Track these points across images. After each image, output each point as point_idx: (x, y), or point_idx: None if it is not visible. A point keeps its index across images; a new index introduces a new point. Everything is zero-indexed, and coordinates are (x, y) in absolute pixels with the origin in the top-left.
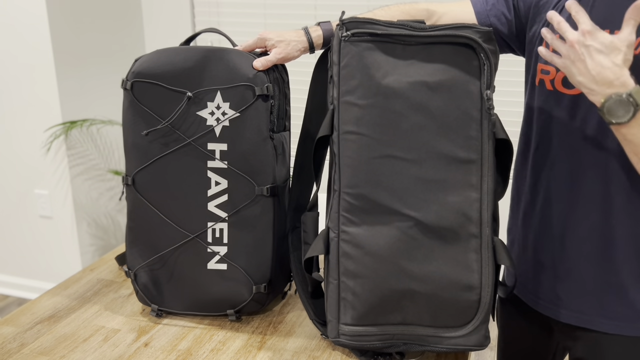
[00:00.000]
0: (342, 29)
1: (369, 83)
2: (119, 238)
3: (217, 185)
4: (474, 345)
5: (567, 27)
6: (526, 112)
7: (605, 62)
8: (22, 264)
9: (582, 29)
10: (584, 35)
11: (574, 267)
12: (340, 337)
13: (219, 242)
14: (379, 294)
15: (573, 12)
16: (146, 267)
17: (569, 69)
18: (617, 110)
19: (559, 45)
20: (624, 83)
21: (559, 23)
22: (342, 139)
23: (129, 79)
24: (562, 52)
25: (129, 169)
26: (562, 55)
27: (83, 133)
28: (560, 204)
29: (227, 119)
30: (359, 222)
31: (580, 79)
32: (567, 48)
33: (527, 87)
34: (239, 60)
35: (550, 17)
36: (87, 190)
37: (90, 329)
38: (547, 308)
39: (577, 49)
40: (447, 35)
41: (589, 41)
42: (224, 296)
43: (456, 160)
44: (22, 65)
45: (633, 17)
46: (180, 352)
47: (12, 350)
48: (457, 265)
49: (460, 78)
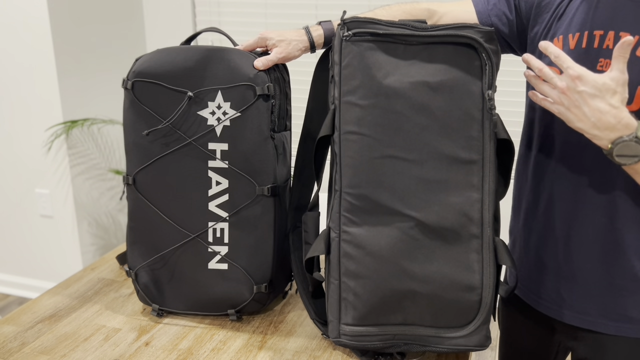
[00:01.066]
0: (344, 29)
1: (370, 83)
2: (119, 237)
3: (218, 185)
4: (475, 346)
5: (552, 74)
6: (528, 112)
7: (602, 106)
8: (23, 263)
9: (571, 75)
10: (574, 81)
11: (577, 269)
12: (341, 337)
13: (220, 241)
14: (380, 294)
15: (552, 57)
16: (147, 267)
17: (565, 115)
18: (626, 154)
19: (548, 91)
20: (627, 125)
21: (540, 70)
22: (343, 139)
23: (130, 78)
24: (554, 99)
25: (130, 168)
26: (553, 100)
27: (84, 132)
28: (563, 205)
29: (228, 118)
30: (360, 222)
31: (580, 125)
32: (558, 94)
33: (529, 87)
34: (240, 60)
35: (527, 60)
36: (88, 190)
37: (91, 328)
38: (549, 309)
39: (570, 96)
40: (448, 35)
41: (581, 87)
42: (225, 296)
43: (457, 160)
44: (22, 65)
45: (622, 54)
46: (181, 351)
47: (13, 349)
48: (458, 265)
49: (461, 78)
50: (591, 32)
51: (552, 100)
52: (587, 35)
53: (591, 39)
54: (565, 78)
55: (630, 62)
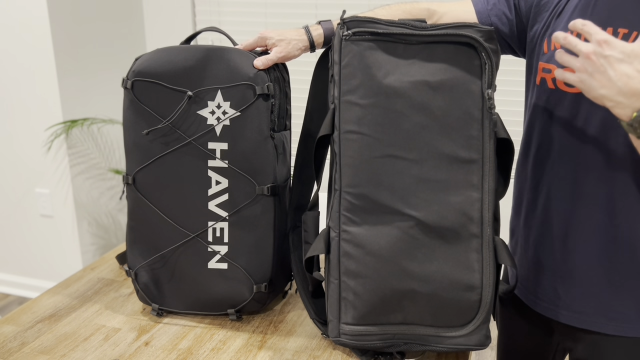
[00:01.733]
0: (343, 28)
1: (370, 82)
2: (119, 237)
3: (218, 184)
4: (474, 345)
5: (576, 40)
6: (527, 111)
7: (630, 71)
8: (23, 263)
9: (598, 39)
10: (601, 45)
11: (576, 268)
12: (341, 337)
13: (220, 241)
14: (380, 293)
15: (579, 27)
16: (147, 266)
17: (587, 82)
18: None
19: (570, 61)
20: None
21: (565, 38)
22: (343, 139)
23: (130, 78)
24: (576, 66)
25: (130, 168)
26: (576, 69)
27: (84, 132)
28: (562, 204)
29: (227, 118)
30: (360, 221)
31: (603, 92)
32: (582, 60)
33: (529, 87)
34: (240, 59)
35: (556, 37)
36: (88, 189)
37: (90, 328)
38: (547, 309)
39: (595, 60)
40: (448, 35)
41: (608, 51)
42: (225, 295)
43: (457, 160)
44: (22, 65)
45: None
46: (181, 351)
47: (13, 349)
48: (458, 265)
49: (461, 77)
50: None
51: (576, 68)
52: None
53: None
54: (591, 43)
55: None
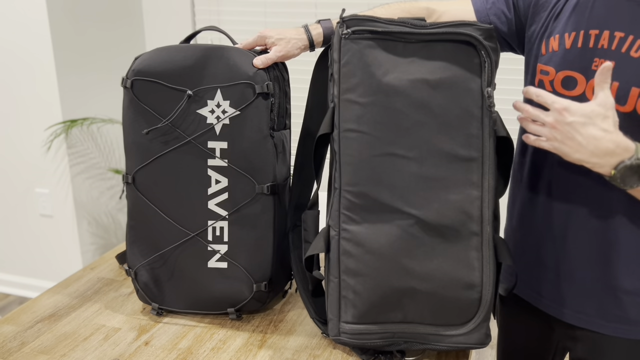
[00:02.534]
0: (343, 27)
1: (369, 81)
2: (119, 237)
3: (218, 183)
4: (475, 344)
5: (537, 112)
6: None
7: (595, 132)
8: (23, 263)
9: (557, 108)
10: (562, 114)
11: (575, 269)
12: (341, 336)
13: (220, 240)
14: (380, 292)
15: (534, 97)
16: (147, 266)
17: (560, 149)
18: (631, 178)
19: (539, 130)
20: (627, 148)
21: (527, 111)
22: (342, 137)
23: (129, 77)
24: (546, 136)
25: (129, 167)
26: (547, 138)
27: (83, 132)
28: (561, 205)
29: (227, 117)
30: (360, 220)
31: (578, 156)
32: (550, 130)
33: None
34: (239, 58)
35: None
36: (88, 189)
37: (90, 328)
38: (549, 307)
39: (561, 129)
40: (447, 33)
41: (569, 117)
42: (225, 295)
43: (457, 158)
44: (22, 64)
45: (603, 79)
46: (181, 350)
47: (13, 349)
48: (458, 263)
49: (461, 75)
50: (587, 31)
51: (545, 138)
52: (582, 34)
53: (587, 38)
54: (552, 113)
55: (624, 63)
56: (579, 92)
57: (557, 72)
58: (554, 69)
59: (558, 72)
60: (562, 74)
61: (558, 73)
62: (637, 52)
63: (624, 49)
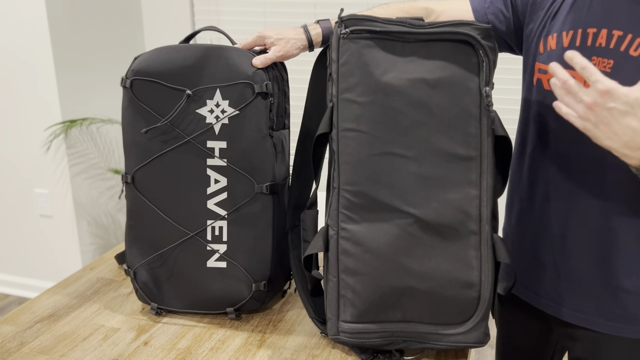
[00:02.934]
0: (341, 27)
1: (368, 80)
2: (119, 237)
3: (217, 183)
4: (473, 343)
5: (577, 88)
6: (523, 110)
7: (635, 124)
8: (23, 263)
9: (599, 89)
10: (603, 97)
11: (574, 267)
12: (339, 335)
13: (219, 240)
14: (379, 291)
15: (578, 68)
16: (146, 266)
17: (592, 132)
18: None
19: (573, 105)
20: None
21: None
22: (341, 137)
23: (129, 77)
24: (579, 113)
25: (129, 167)
26: (579, 116)
27: (83, 132)
28: (559, 204)
29: (226, 116)
30: (359, 219)
31: (608, 143)
32: (585, 110)
33: (525, 85)
34: (238, 58)
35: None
36: (87, 189)
37: (89, 328)
38: (548, 306)
39: (598, 112)
40: (446, 32)
41: (610, 103)
42: (224, 294)
43: (455, 157)
44: (21, 64)
45: None
46: (180, 350)
47: (12, 349)
48: (456, 262)
49: (459, 75)
50: (585, 29)
51: (579, 115)
52: (580, 33)
53: (585, 36)
54: (592, 92)
55: (623, 62)
56: None
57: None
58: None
59: None
60: None
61: None
62: (636, 51)
63: (622, 48)
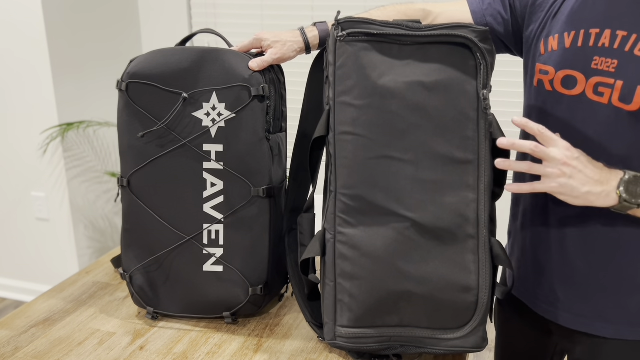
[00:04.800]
0: (338, 29)
1: (365, 83)
2: (116, 240)
3: (213, 186)
4: (471, 347)
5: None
6: (525, 113)
7: (595, 164)
8: (19, 267)
9: (564, 145)
10: (569, 150)
11: (575, 272)
12: (337, 340)
13: (215, 244)
14: (376, 295)
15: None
16: (142, 270)
17: (568, 185)
18: (636, 187)
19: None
20: (617, 172)
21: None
22: (338, 140)
23: (124, 80)
24: (554, 173)
25: (125, 170)
26: (554, 176)
27: (79, 135)
28: (561, 207)
29: (222, 119)
30: (356, 223)
31: (586, 188)
32: (559, 167)
33: (526, 88)
34: (235, 61)
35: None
36: (84, 193)
37: (85, 332)
38: (546, 311)
39: (571, 164)
40: (443, 35)
41: (576, 153)
42: (220, 298)
43: (453, 160)
44: (18, 67)
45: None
46: (176, 355)
47: (6, 354)
48: (454, 266)
49: (456, 78)
50: (587, 30)
51: (554, 175)
52: (583, 33)
53: (587, 37)
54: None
55: (628, 62)
56: (578, 91)
57: (556, 72)
58: (554, 69)
59: (558, 71)
60: (561, 73)
61: (558, 72)
62: None
63: (627, 48)
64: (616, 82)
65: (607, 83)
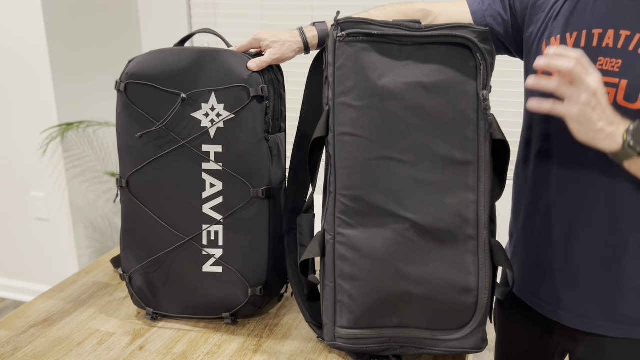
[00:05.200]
0: (337, 29)
1: (364, 84)
2: (116, 240)
3: (212, 187)
4: (471, 348)
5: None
6: (526, 114)
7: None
8: (19, 267)
9: (599, 78)
10: (602, 84)
11: (579, 272)
12: (336, 340)
13: (214, 244)
14: (376, 296)
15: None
16: (141, 270)
17: (588, 116)
18: None
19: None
20: (627, 121)
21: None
22: (337, 141)
23: (123, 80)
24: (582, 100)
25: (124, 171)
26: (580, 102)
27: (79, 135)
28: (564, 208)
29: (221, 120)
30: (355, 224)
31: (601, 125)
32: (588, 95)
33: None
34: (234, 61)
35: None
36: (84, 193)
37: (84, 333)
38: (549, 311)
39: (599, 97)
40: (443, 35)
41: (606, 90)
42: (220, 299)
43: (453, 161)
44: (18, 67)
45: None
46: (176, 355)
47: (6, 354)
48: (454, 267)
49: (456, 78)
50: (589, 30)
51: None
52: (585, 34)
53: (590, 37)
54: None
55: (632, 61)
56: None
57: None
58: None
59: None
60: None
61: None
62: None
63: (631, 47)
64: (621, 82)
65: (612, 83)
